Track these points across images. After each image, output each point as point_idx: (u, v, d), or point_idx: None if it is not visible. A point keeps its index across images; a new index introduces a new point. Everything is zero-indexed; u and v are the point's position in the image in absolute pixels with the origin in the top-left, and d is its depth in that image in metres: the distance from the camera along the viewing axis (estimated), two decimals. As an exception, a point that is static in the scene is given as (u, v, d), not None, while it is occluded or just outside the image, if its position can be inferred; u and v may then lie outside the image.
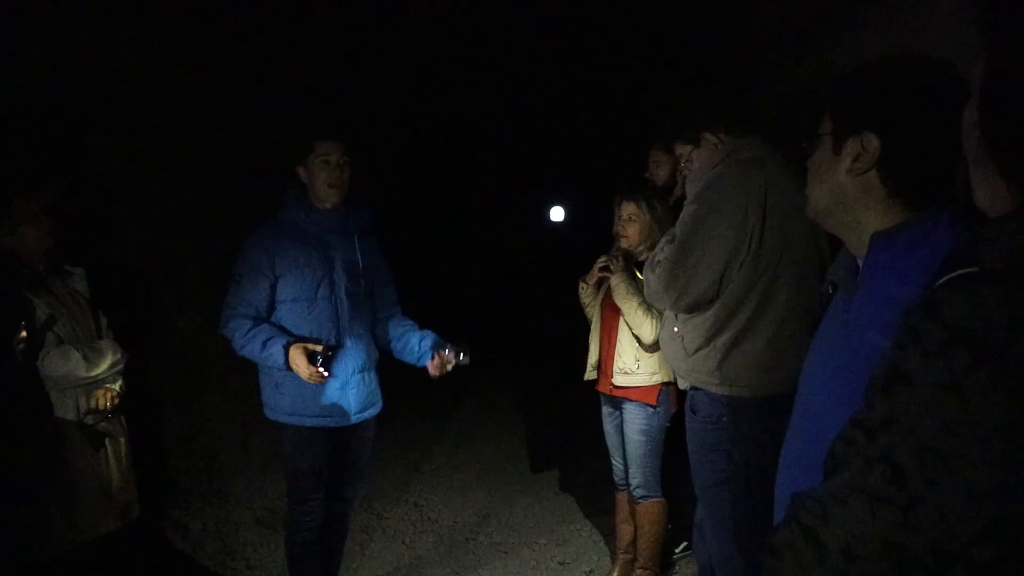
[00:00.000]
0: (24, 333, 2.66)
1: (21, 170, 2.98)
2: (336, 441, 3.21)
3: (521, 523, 4.66)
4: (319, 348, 2.93)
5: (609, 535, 4.21)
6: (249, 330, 3.01)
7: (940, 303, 1.02)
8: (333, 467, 3.24)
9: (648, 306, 3.33)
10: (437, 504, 4.91)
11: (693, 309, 2.64)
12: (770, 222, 2.50)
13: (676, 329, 2.75)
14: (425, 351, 3.26)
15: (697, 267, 2.53)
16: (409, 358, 3.32)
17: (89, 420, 2.90)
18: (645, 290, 2.84)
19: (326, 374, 2.94)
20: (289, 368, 2.94)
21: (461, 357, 3.18)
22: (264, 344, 2.97)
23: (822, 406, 1.41)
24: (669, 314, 2.82)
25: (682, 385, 2.89)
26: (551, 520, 4.69)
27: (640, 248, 3.52)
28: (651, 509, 3.63)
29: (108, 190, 3.76)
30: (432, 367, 3.21)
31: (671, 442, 3.53)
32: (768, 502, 1.58)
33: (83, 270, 3.09)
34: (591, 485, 4.86)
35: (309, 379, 2.92)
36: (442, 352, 3.19)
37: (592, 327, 3.77)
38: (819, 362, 1.47)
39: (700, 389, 2.69)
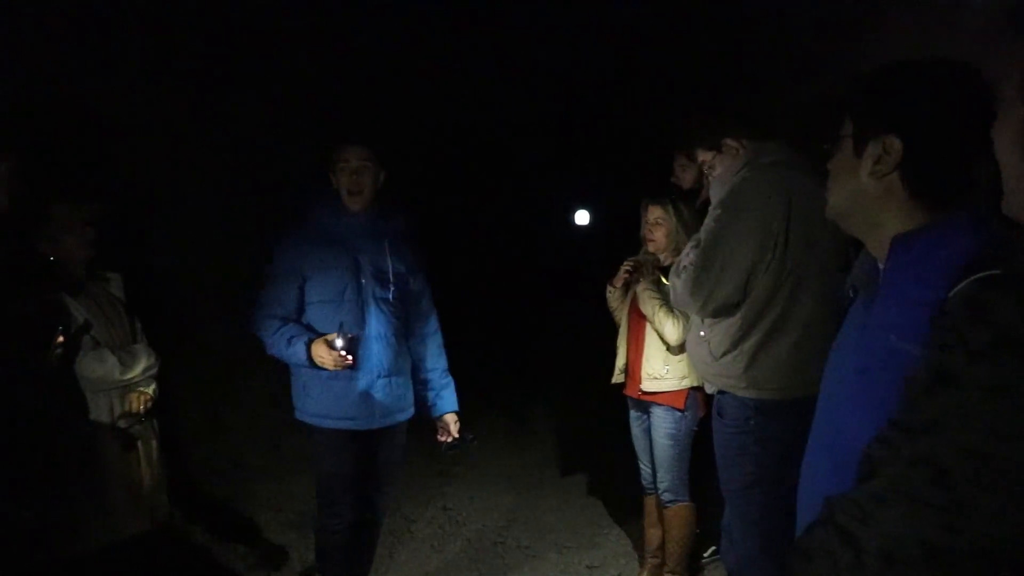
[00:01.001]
0: (61, 337, 2.70)
1: (59, 176, 3.02)
2: (365, 445, 3.22)
3: (549, 527, 4.66)
4: (335, 336, 2.96)
5: (637, 539, 4.20)
6: (277, 330, 3.08)
7: (986, 305, 1.01)
8: (363, 473, 3.26)
9: (669, 307, 3.33)
10: (465, 508, 4.92)
11: (719, 314, 2.64)
12: (794, 225, 2.50)
13: (702, 333, 2.75)
14: (434, 405, 3.45)
15: (722, 272, 2.53)
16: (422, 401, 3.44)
17: (122, 423, 2.94)
18: (671, 295, 2.84)
19: (350, 359, 2.96)
20: (313, 364, 2.99)
21: (464, 440, 3.46)
22: (288, 342, 3.04)
23: (843, 409, 1.41)
24: (695, 319, 2.82)
25: (709, 389, 2.89)
26: (579, 524, 4.69)
27: (667, 252, 3.52)
28: (679, 513, 3.62)
29: (143, 198, 3.82)
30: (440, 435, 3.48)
31: (699, 446, 3.52)
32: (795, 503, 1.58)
33: (119, 275, 3.13)
34: (619, 489, 4.85)
35: (335, 366, 2.96)
36: (446, 431, 3.44)
37: (620, 331, 3.77)
38: (840, 365, 1.47)
39: (727, 393, 2.69)
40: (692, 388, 3.47)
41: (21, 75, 3.18)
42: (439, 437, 3.46)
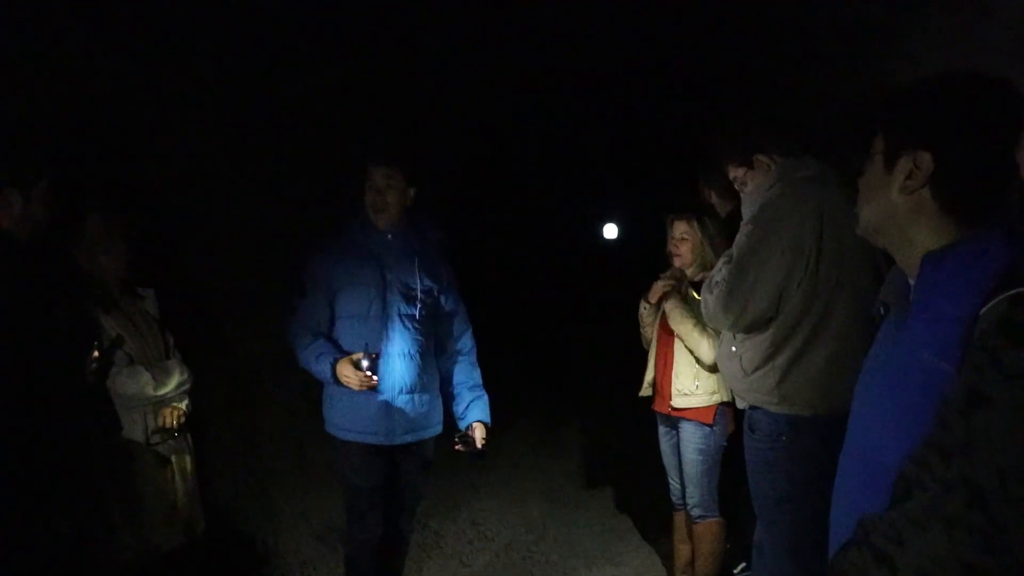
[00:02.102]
0: (96, 352, 2.74)
1: (95, 193, 3.08)
2: (389, 460, 3.26)
3: (577, 542, 4.64)
4: (360, 356, 3.00)
5: (666, 555, 4.17)
6: (308, 344, 3.15)
7: (1021, 326, 1.01)
8: (388, 487, 3.29)
9: (703, 325, 3.32)
10: (494, 522, 4.91)
11: (751, 329, 2.64)
12: (827, 242, 2.50)
13: (734, 348, 2.74)
14: (463, 417, 3.37)
15: (754, 288, 2.53)
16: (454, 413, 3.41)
17: (156, 438, 2.98)
18: (703, 311, 2.83)
19: (375, 379, 3.01)
20: (338, 382, 3.04)
21: (474, 448, 3.31)
22: (317, 359, 3.10)
23: (876, 427, 1.40)
24: (727, 334, 2.81)
25: (740, 404, 2.87)
26: (607, 539, 4.67)
27: (693, 267, 3.52)
28: (709, 529, 3.60)
29: (177, 213, 3.87)
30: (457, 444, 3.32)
31: (729, 461, 3.50)
32: (827, 518, 1.57)
33: (153, 291, 3.18)
34: (648, 504, 4.82)
35: (360, 386, 3.01)
36: (467, 437, 3.30)
37: (650, 345, 3.75)
38: (872, 383, 1.46)
39: (759, 408, 2.68)
40: (721, 403, 3.45)
41: (59, 90, 3.25)
42: (465, 434, 3.36)
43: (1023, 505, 1.00)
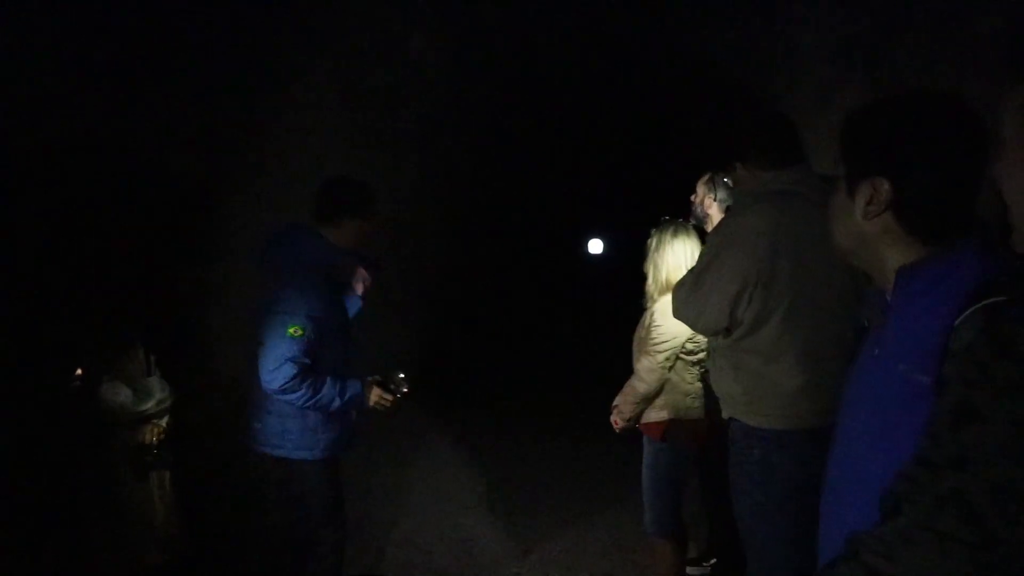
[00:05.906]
0: (80, 370, 2.72)
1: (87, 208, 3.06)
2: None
3: (563, 559, 4.62)
4: (395, 376, 3.24)
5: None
6: (323, 384, 3.06)
7: (1011, 339, 1.01)
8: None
9: (645, 383, 3.42)
10: (481, 539, 4.88)
11: (709, 333, 2.74)
12: (783, 256, 2.49)
13: (716, 350, 2.79)
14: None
15: (708, 299, 2.59)
16: None
17: (136, 454, 2.95)
18: (672, 306, 2.84)
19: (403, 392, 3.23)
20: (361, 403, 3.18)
21: (398, 389, 3.32)
22: (341, 392, 3.11)
23: (860, 442, 1.40)
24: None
25: (724, 414, 2.86)
26: (594, 554, 4.67)
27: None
28: (657, 549, 3.60)
29: (165, 235, 3.85)
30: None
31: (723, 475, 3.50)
32: (805, 535, 1.57)
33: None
34: (633, 520, 4.80)
35: (392, 405, 3.23)
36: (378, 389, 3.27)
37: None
38: (855, 397, 1.47)
39: (737, 420, 2.70)
40: (673, 420, 3.42)
41: (55, 105, 3.23)
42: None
43: (1017, 519, 0.99)
